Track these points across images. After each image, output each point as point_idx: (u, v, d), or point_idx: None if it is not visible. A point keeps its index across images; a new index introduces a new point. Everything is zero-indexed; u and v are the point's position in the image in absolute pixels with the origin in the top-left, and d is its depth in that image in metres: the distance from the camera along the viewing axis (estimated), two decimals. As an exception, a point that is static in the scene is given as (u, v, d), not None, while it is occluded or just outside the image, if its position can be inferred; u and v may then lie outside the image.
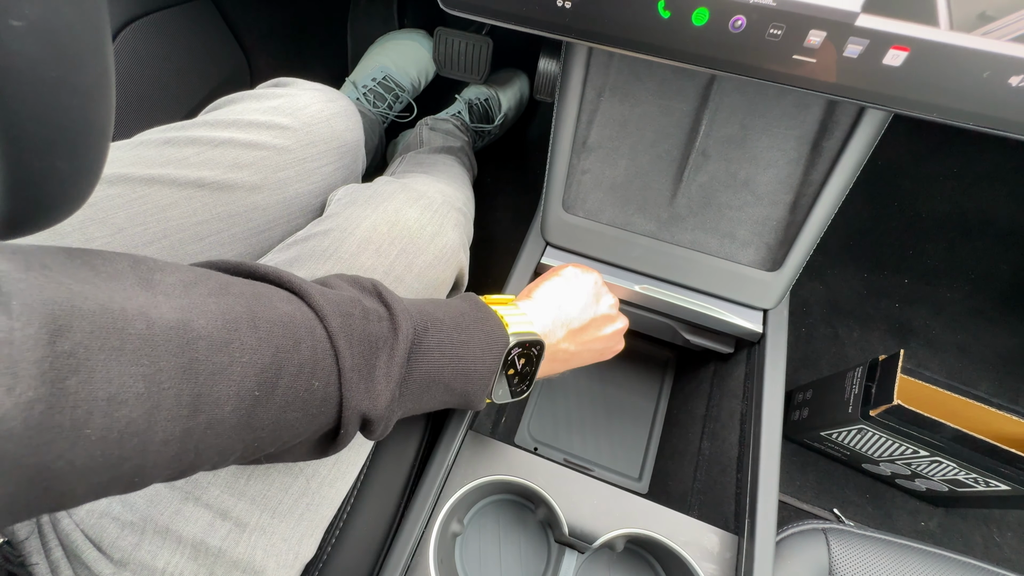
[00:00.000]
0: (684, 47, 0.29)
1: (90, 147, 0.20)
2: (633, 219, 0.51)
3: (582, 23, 0.29)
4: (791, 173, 0.47)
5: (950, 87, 0.25)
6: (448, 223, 0.43)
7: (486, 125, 0.93)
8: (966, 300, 0.88)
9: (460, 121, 0.88)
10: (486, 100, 0.95)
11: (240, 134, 0.41)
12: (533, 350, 0.34)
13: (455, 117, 0.90)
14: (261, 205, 0.42)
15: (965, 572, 0.43)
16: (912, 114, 0.27)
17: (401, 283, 0.39)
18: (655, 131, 0.50)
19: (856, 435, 0.61)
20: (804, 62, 0.27)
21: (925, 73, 0.25)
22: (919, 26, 0.24)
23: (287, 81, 0.50)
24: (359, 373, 0.25)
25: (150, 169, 0.38)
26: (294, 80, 0.50)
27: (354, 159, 0.50)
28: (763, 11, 0.26)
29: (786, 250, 0.47)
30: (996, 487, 0.56)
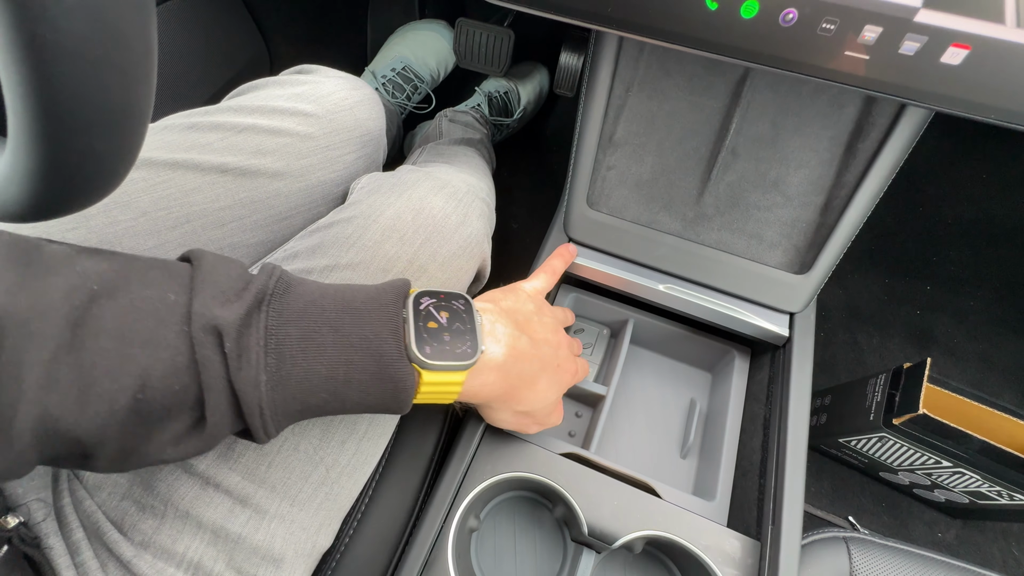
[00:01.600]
0: (730, 40, 0.28)
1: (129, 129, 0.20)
2: (658, 217, 0.50)
3: (625, 12, 0.28)
4: (823, 174, 0.46)
5: (1012, 88, 0.24)
6: (473, 212, 0.42)
7: (505, 119, 0.92)
8: (990, 309, 0.86)
9: (479, 114, 0.87)
10: (506, 93, 0.94)
11: (264, 120, 0.41)
12: (456, 303, 0.30)
13: (474, 110, 0.89)
14: (283, 192, 0.42)
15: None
16: (969, 116, 0.26)
17: (425, 272, 0.38)
18: (683, 128, 0.48)
19: (877, 443, 0.59)
20: (857, 58, 0.26)
21: (986, 73, 0.24)
22: (983, 23, 0.23)
23: (310, 68, 0.50)
24: (209, 285, 0.24)
25: (174, 154, 0.38)
26: (317, 67, 0.50)
27: (376, 148, 0.50)
28: (816, 4, 0.25)
29: (815, 253, 0.46)
30: (1021, 501, 0.55)
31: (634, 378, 0.56)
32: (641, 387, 0.56)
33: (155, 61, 0.18)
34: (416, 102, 0.95)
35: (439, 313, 0.29)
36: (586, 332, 0.58)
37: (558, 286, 0.56)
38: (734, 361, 0.52)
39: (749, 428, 0.47)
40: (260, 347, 0.24)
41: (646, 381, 0.56)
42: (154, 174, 0.37)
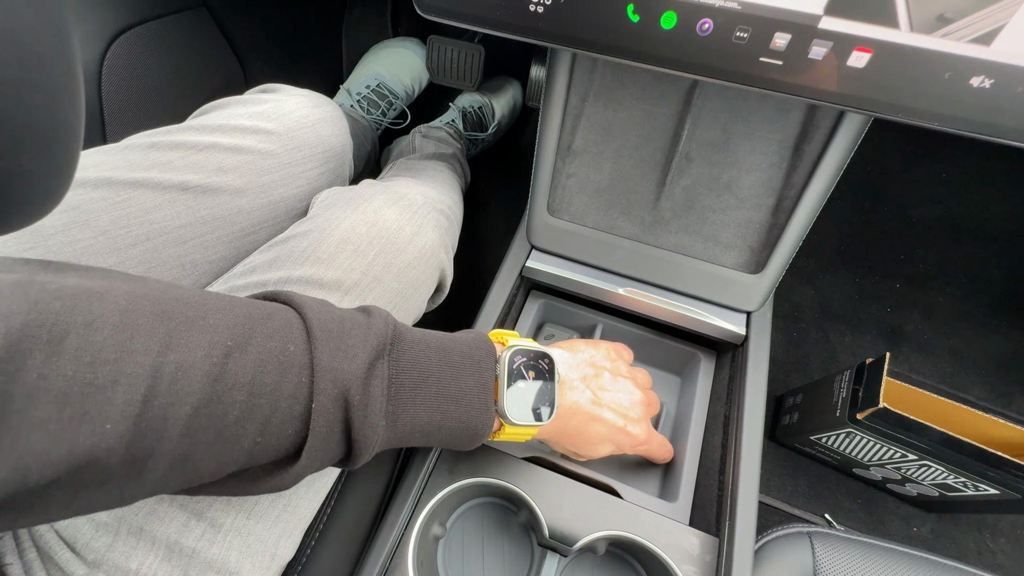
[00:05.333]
0: (655, 50, 0.29)
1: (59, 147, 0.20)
2: (617, 222, 0.51)
3: (555, 27, 0.30)
4: (773, 176, 0.48)
5: (913, 88, 0.26)
6: (428, 224, 0.43)
7: (480, 133, 0.94)
8: (958, 304, 0.88)
9: (454, 129, 0.89)
10: (480, 108, 0.96)
11: (225, 139, 0.42)
12: (541, 363, 0.34)
13: (449, 125, 0.90)
14: (245, 209, 0.42)
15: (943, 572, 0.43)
16: (877, 115, 0.27)
17: (380, 283, 0.39)
18: (639, 135, 0.50)
19: (845, 439, 0.60)
20: (771, 64, 0.27)
21: (889, 74, 0.26)
22: (881, 28, 0.25)
23: (274, 87, 0.51)
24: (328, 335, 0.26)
25: (134, 173, 0.38)
26: (281, 86, 0.51)
27: (340, 163, 0.51)
28: (729, 14, 0.26)
29: (768, 252, 0.47)
30: (985, 491, 0.56)
31: (603, 382, 0.57)
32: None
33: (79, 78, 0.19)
34: (392, 118, 0.96)
35: (527, 372, 0.32)
36: (556, 338, 0.58)
37: (526, 293, 0.57)
38: (699, 363, 0.53)
39: (712, 427, 0.47)
40: (383, 395, 0.26)
41: (615, 384, 0.57)
42: (114, 193, 0.38)
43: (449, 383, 0.29)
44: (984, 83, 0.25)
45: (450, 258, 0.48)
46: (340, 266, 0.38)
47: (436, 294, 0.48)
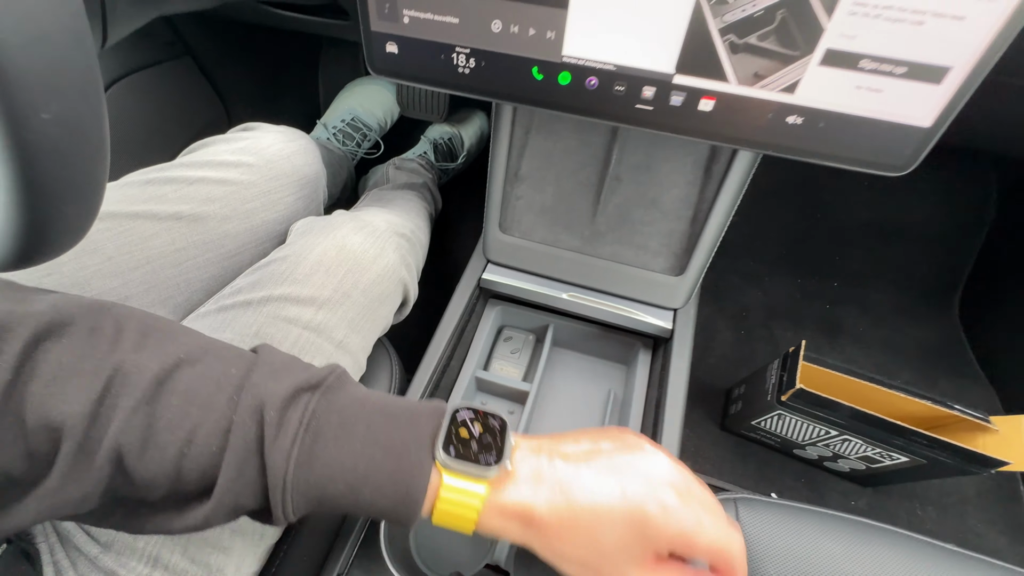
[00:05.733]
0: (558, 100, 0.37)
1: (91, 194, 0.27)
2: (561, 236, 0.58)
3: (480, 84, 0.37)
4: (689, 192, 0.56)
5: (747, 125, 0.34)
6: (389, 246, 0.50)
7: (450, 163, 1.02)
8: (889, 299, 0.96)
9: (426, 160, 0.96)
10: (450, 139, 1.04)
11: (212, 172, 0.49)
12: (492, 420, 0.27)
13: (421, 157, 0.97)
14: (231, 232, 0.49)
15: (854, 528, 0.49)
16: (726, 145, 0.35)
17: (349, 298, 0.46)
18: (576, 161, 0.58)
19: (778, 421, 0.67)
20: (645, 109, 0.35)
21: (729, 115, 0.34)
22: (717, 82, 0.33)
23: (253, 125, 0.58)
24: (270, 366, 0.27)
25: (135, 206, 0.45)
26: (259, 124, 0.58)
27: (314, 189, 0.58)
28: (607, 73, 0.34)
29: (688, 257, 0.55)
30: (899, 459, 0.63)
31: (559, 376, 0.64)
32: (565, 383, 0.63)
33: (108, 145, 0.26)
34: (366, 148, 1.04)
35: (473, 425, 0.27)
36: (514, 339, 0.65)
37: (485, 301, 0.64)
38: (639, 353, 0.60)
39: (648, 410, 0.54)
40: (301, 424, 0.25)
41: (570, 378, 0.64)
42: (117, 224, 0.44)
43: (380, 431, 0.26)
44: (797, 120, 0.33)
45: (412, 275, 0.55)
46: (314, 284, 0.44)
47: (402, 307, 0.55)
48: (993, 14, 0.26)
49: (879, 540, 0.49)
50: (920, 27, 0.28)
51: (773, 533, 0.49)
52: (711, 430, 0.81)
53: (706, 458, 0.79)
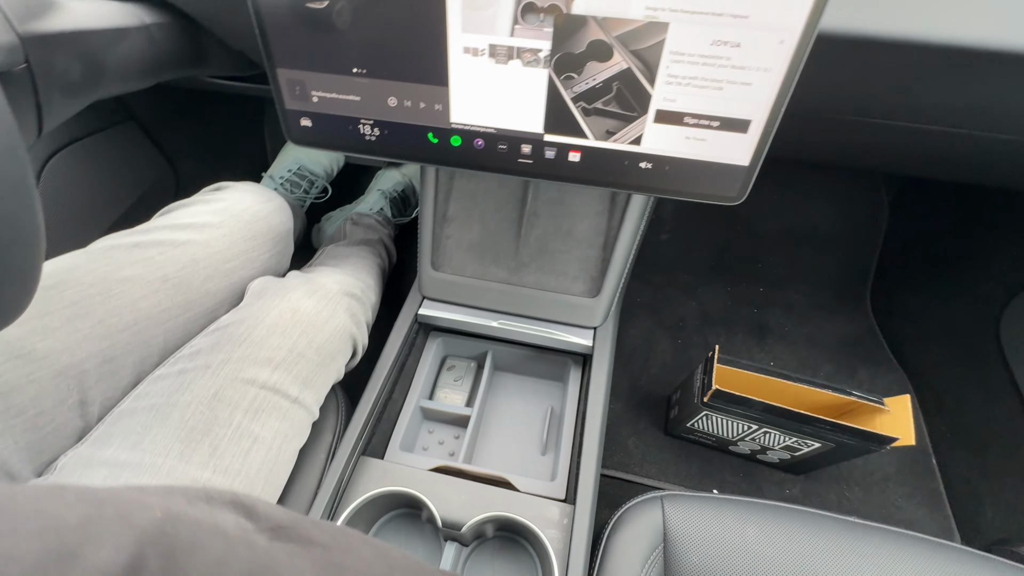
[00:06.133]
0: (455, 159, 0.43)
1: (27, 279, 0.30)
2: (489, 270, 0.64)
3: (385, 148, 0.43)
4: (599, 222, 0.62)
5: (610, 170, 0.40)
6: (340, 307, 0.55)
7: (405, 218, 1.05)
8: (808, 299, 1.05)
9: (382, 216, 0.99)
10: (403, 190, 1.08)
11: (196, 235, 0.53)
12: None
13: (378, 213, 1.01)
14: (212, 291, 0.53)
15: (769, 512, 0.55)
16: (598, 186, 0.41)
17: (303, 357, 0.49)
18: (497, 200, 0.64)
19: (707, 420, 0.73)
20: (527, 162, 0.41)
21: (595, 164, 0.40)
22: (579, 139, 0.39)
23: (226, 185, 0.62)
24: None
25: (124, 270, 0.47)
26: (232, 184, 0.62)
27: (286, 245, 0.63)
28: (490, 135, 0.40)
29: (602, 280, 0.61)
30: (814, 446, 0.70)
31: (501, 398, 0.68)
32: (507, 404, 0.68)
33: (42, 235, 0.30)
34: (315, 195, 1.09)
35: None
36: (457, 367, 0.69)
37: (426, 334, 0.68)
38: (570, 370, 0.65)
39: (578, 422, 0.59)
40: None
41: (511, 398, 0.68)
42: (108, 288, 0.46)
43: None
44: (648, 165, 0.39)
45: (362, 330, 0.59)
46: (270, 346, 0.48)
47: (353, 357, 0.59)
48: (770, 81, 0.34)
49: (789, 520, 0.54)
50: (722, 91, 0.35)
51: (696, 524, 0.54)
52: (656, 436, 0.87)
53: (652, 463, 0.84)
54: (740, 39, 0.32)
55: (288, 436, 0.48)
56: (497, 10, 0.34)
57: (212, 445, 0.43)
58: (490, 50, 0.36)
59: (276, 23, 0.37)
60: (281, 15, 0.37)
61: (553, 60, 0.36)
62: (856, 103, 0.46)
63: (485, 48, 0.36)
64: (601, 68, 0.35)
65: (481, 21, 0.34)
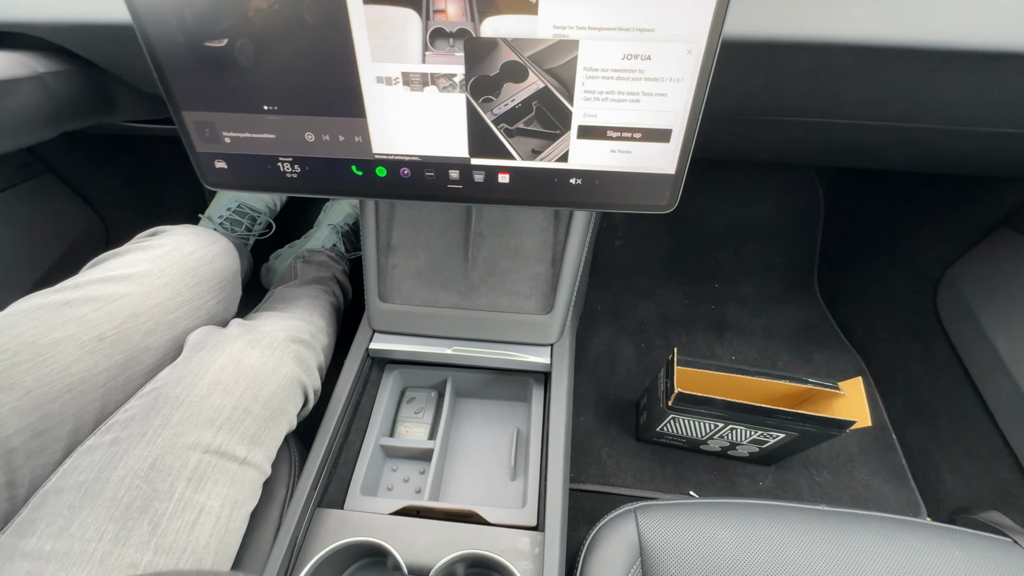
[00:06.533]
0: (383, 190, 0.41)
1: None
2: (439, 296, 0.62)
3: (308, 184, 0.41)
4: (545, 238, 0.62)
5: (541, 189, 0.40)
6: (287, 356, 0.51)
7: (359, 252, 1.01)
8: (760, 290, 1.08)
9: (335, 252, 0.95)
10: (354, 223, 1.04)
11: (134, 286, 0.48)
12: None
13: (331, 248, 0.96)
14: (154, 346, 0.48)
15: (742, 511, 0.55)
16: (529, 205, 0.41)
17: (249, 414, 0.46)
18: (441, 225, 0.63)
19: (675, 423, 0.73)
20: (456, 187, 0.41)
21: (524, 183, 0.40)
22: (506, 160, 0.39)
23: (163, 229, 0.57)
24: None
25: (53, 332, 0.42)
26: (169, 228, 0.57)
27: (234, 289, 0.59)
28: (416, 163, 0.39)
29: (554, 295, 0.60)
30: (778, 436, 0.70)
31: (466, 425, 0.66)
32: (473, 430, 0.66)
33: None
34: (258, 231, 1.04)
35: None
36: (417, 399, 0.67)
37: (381, 368, 0.66)
38: (533, 389, 0.64)
39: (543, 441, 0.58)
40: None
41: (477, 424, 0.66)
42: (36, 354, 0.41)
43: None
44: (577, 181, 0.39)
45: (314, 377, 0.56)
46: (212, 406, 0.44)
47: (305, 406, 0.56)
48: (684, 90, 0.34)
49: (761, 517, 0.54)
50: (639, 103, 0.35)
51: (670, 534, 0.53)
52: (628, 443, 0.86)
53: (627, 470, 0.83)
54: (650, 52, 0.32)
55: (238, 501, 0.44)
56: (406, 38, 0.33)
57: (152, 523, 0.39)
58: (403, 78, 0.35)
59: (175, 65, 0.35)
60: (179, 56, 0.35)
61: (469, 84, 0.35)
62: (774, 103, 0.48)
63: (398, 76, 0.35)
64: (518, 89, 0.35)
65: (390, 50, 0.34)
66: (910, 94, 0.43)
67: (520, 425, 0.66)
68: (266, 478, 0.49)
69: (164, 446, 0.41)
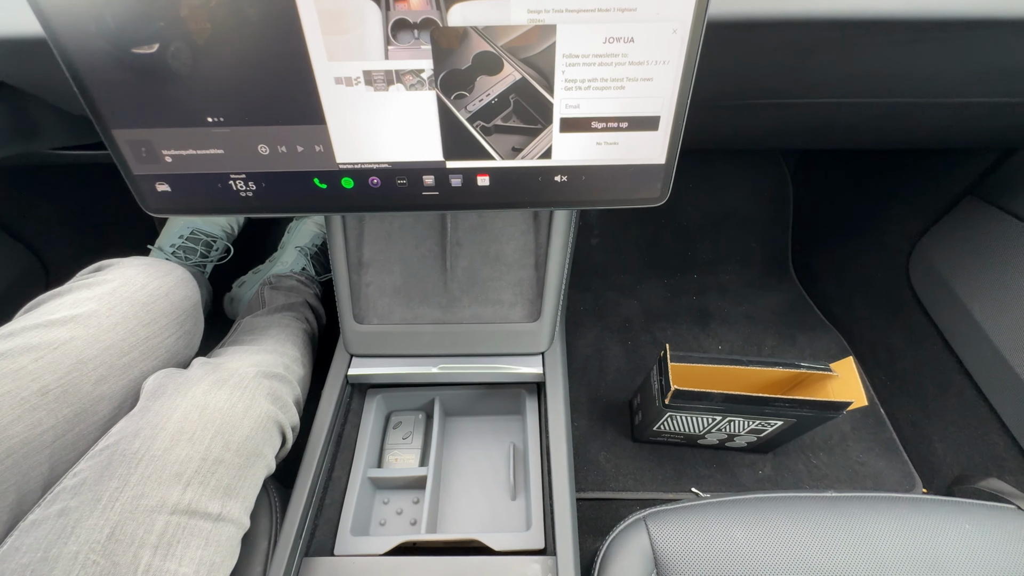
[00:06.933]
0: (351, 203, 0.38)
1: None
2: (420, 312, 0.59)
3: (265, 203, 0.37)
4: (527, 241, 0.59)
5: (524, 189, 0.37)
6: (260, 394, 0.46)
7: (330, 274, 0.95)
8: (739, 277, 1.09)
9: (305, 275, 0.89)
10: (322, 243, 0.99)
11: (80, 329, 0.42)
12: None
13: (301, 272, 0.90)
14: (107, 395, 0.42)
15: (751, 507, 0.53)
16: (509, 208, 0.38)
17: (221, 463, 0.40)
18: (415, 236, 0.59)
19: (671, 421, 0.72)
20: (432, 194, 0.37)
21: (506, 184, 0.37)
22: (485, 161, 0.36)
23: (110, 263, 0.51)
24: None
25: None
26: (117, 261, 0.51)
27: (195, 323, 0.53)
28: (386, 171, 0.36)
29: (541, 301, 0.58)
30: (776, 424, 0.70)
31: (459, 445, 0.62)
32: (467, 450, 0.62)
33: None
34: (216, 258, 0.98)
35: None
36: (404, 423, 0.63)
37: (362, 395, 0.61)
38: (526, 401, 0.61)
39: (543, 455, 0.55)
40: None
41: (470, 443, 0.63)
42: None
43: None
44: (563, 178, 0.37)
45: (291, 412, 0.51)
46: (178, 459, 0.39)
47: (284, 445, 0.51)
48: (671, 73, 0.32)
49: (771, 511, 0.53)
50: (624, 90, 0.33)
51: (684, 539, 0.51)
52: (625, 445, 0.84)
53: (627, 474, 0.81)
54: (633, 34, 0.30)
55: (215, 564, 0.39)
56: (364, 32, 0.30)
57: None
58: (365, 77, 0.31)
59: (99, 78, 0.31)
60: (104, 67, 0.30)
61: (439, 79, 0.32)
62: (751, 86, 0.47)
63: (359, 76, 0.31)
64: (493, 82, 0.32)
65: (348, 46, 0.30)
66: (887, 67, 0.42)
67: (516, 440, 0.62)
68: (245, 532, 0.44)
69: (124, 511, 0.36)
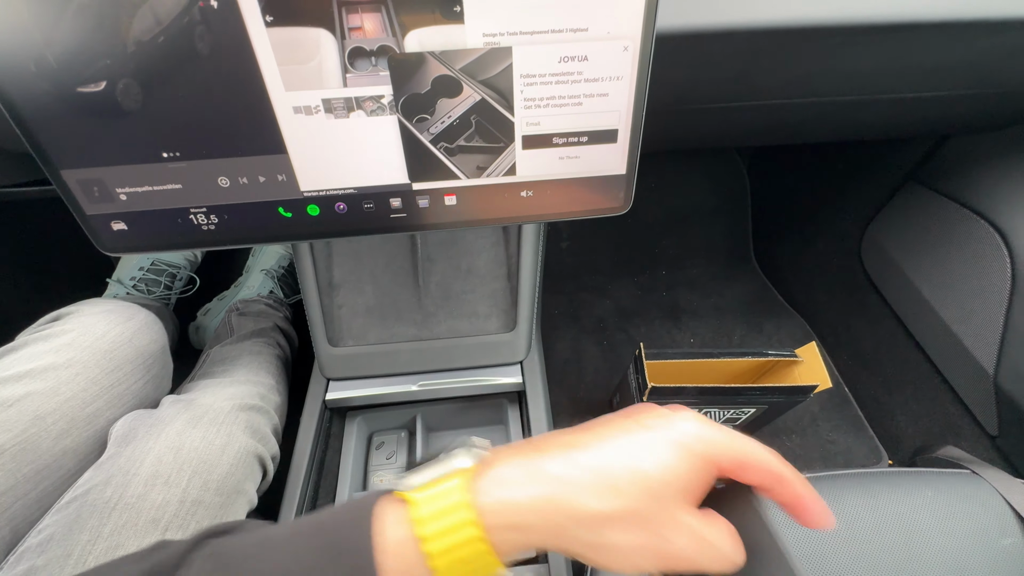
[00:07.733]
0: (318, 230, 0.37)
1: None
2: (395, 330, 0.58)
3: (228, 235, 0.36)
4: (497, 252, 0.59)
5: (491, 206, 0.37)
6: (237, 428, 0.45)
7: (299, 295, 0.93)
8: (706, 271, 1.12)
9: (273, 299, 0.86)
10: (288, 264, 0.96)
11: (36, 384, 0.40)
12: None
13: (269, 295, 0.88)
14: (71, 448, 0.40)
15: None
16: (477, 225, 0.38)
17: (201, 504, 0.39)
18: (386, 254, 0.59)
19: (651, 417, 0.73)
20: (400, 216, 0.37)
21: (474, 204, 0.37)
22: (450, 181, 0.36)
23: (68, 311, 0.48)
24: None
25: None
26: (75, 308, 0.49)
27: (163, 366, 0.51)
28: (351, 196, 0.36)
29: (515, 311, 0.58)
30: (750, 411, 0.72)
31: (444, 464, 0.62)
32: (452, 469, 0.62)
33: None
34: (180, 288, 0.95)
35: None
36: (387, 443, 0.62)
37: (342, 418, 0.61)
38: (507, 411, 0.61)
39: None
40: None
41: (455, 461, 0.63)
42: None
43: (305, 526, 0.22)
44: (529, 193, 0.37)
45: (270, 443, 0.50)
46: (153, 504, 0.37)
47: (264, 479, 0.49)
48: (625, 88, 0.33)
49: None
50: (582, 106, 0.33)
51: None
52: (608, 444, 0.85)
53: (612, 473, 0.82)
54: (586, 52, 0.31)
55: None
56: (321, 61, 0.30)
57: None
58: (325, 105, 0.31)
59: (43, 118, 0.30)
60: (48, 107, 0.29)
61: (399, 104, 0.32)
62: (702, 93, 0.48)
63: (318, 104, 0.31)
64: (453, 104, 0.32)
65: (305, 76, 0.30)
66: (823, 69, 0.45)
67: (500, 449, 0.63)
68: None
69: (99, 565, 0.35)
